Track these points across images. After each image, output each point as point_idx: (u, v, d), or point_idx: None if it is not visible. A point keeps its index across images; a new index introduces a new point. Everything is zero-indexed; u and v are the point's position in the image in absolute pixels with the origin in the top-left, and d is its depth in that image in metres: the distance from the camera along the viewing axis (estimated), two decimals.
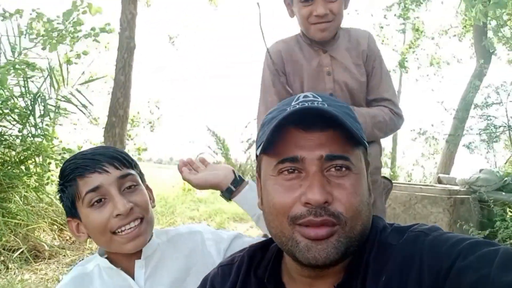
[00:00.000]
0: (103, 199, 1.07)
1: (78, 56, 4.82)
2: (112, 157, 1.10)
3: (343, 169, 0.74)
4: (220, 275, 0.93)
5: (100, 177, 1.06)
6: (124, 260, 1.14)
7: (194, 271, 1.18)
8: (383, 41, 12.51)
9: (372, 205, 0.79)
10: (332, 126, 0.73)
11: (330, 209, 0.72)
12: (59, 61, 4.71)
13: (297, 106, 0.76)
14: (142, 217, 1.11)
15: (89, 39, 5.13)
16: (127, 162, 1.13)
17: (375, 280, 0.71)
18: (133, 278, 1.14)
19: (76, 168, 1.07)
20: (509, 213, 4.79)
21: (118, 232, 1.07)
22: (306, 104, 0.76)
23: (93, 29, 5.04)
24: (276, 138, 0.75)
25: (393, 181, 1.93)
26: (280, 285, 0.84)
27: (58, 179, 1.13)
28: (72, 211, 1.11)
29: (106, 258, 1.15)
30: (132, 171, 1.13)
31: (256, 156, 0.85)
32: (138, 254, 1.14)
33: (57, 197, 1.16)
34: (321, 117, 0.73)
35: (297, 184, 0.74)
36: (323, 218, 0.71)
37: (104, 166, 1.07)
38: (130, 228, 1.08)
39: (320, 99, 0.78)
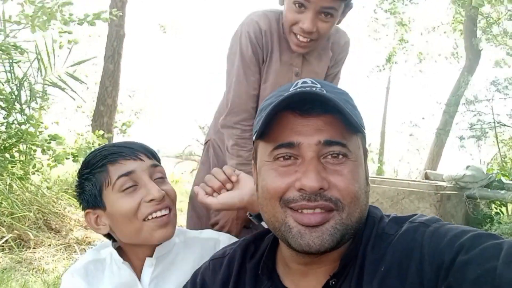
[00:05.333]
0: (135, 186, 1.06)
1: (69, 42, 4.64)
2: (144, 147, 1.12)
3: (340, 156, 0.72)
4: (211, 269, 0.92)
5: (134, 164, 1.06)
6: (136, 255, 1.12)
7: None
8: (374, 38, 12.50)
9: None
10: (331, 112, 0.72)
11: (326, 195, 0.70)
12: (46, 46, 4.57)
13: (295, 91, 0.74)
14: (171, 208, 1.10)
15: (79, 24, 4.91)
16: (155, 156, 1.14)
17: (372, 270, 0.70)
18: (140, 275, 1.11)
19: (109, 154, 1.07)
20: (494, 210, 4.87)
21: (149, 218, 1.05)
22: (304, 89, 0.75)
23: (86, 15, 4.79)
24: (272, 123, 0.73)
25: (380, 177, 1.91)
26: (274, 276, 0.82)
27: (81, 170, 1.11)
28: (96, 200, 1.07)
29: (117, 249, 1.12)
30: (160, 164, 1.14)
31: (253, 142, 0.83)
32: (150, 251, 1.10)
33: (77, 189, 1.12)
34: (320, 102, 0.72)
35: (292, 169, 0.73)
36: (318, 203, 0.70)
37: (138, 154, 1.08)
38: (161, 215, 1.06)
39: (318, 85, 0.77)
